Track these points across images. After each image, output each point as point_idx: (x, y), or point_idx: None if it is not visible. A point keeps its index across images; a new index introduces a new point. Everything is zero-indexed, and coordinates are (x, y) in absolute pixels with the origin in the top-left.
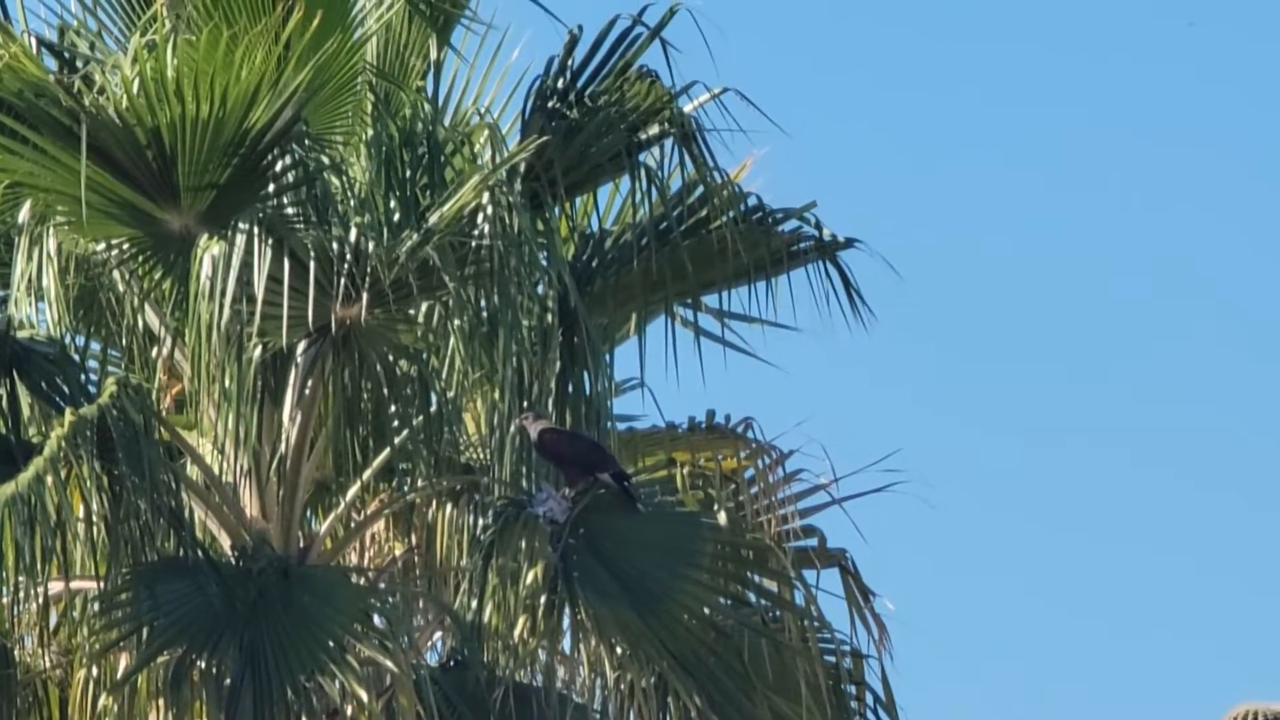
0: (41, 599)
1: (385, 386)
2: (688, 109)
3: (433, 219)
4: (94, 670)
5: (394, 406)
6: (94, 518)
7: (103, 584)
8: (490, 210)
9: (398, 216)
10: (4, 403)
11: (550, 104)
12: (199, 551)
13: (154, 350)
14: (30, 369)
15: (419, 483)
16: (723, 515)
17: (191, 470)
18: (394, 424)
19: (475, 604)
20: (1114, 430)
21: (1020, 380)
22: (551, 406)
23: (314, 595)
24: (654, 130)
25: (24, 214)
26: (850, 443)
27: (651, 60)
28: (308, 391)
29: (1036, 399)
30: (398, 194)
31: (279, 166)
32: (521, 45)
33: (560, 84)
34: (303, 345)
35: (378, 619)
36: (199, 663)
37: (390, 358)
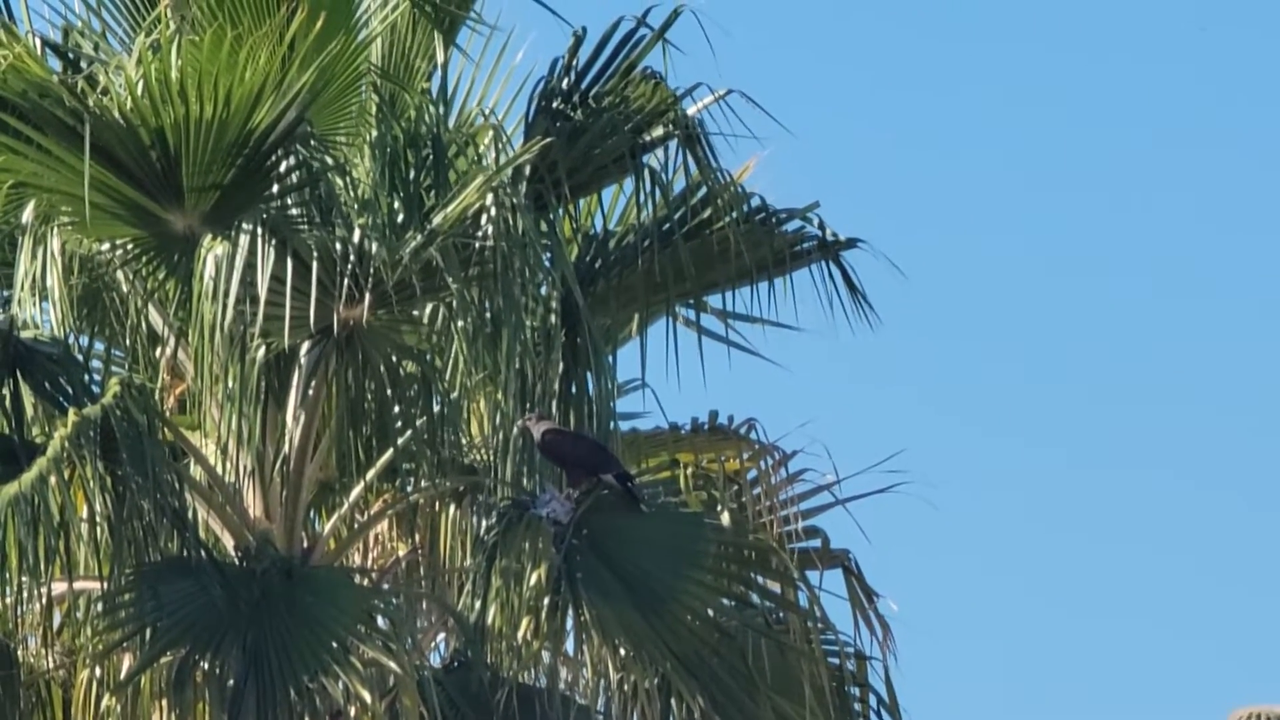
0: (45, 599)
1: (388, 387)
2: (691, 110)
3: (436, 220)
4: (97, 671)
5: (397, 407)
6: (97, 518)
7: (106, 584)
8: (494, 211)
9: (401, 217)
10: (7, 403)
11: (554, 105)
12: (202, 552)
13: (157, 350)
14: (34, 369)
15: (422, 483)
16: (726, 516)
17: (195, 471)
18: (397, 425)
19: (479, 605)
20: (1117, 430)
21: (1023, 380)
22: (555, 407)
23: (317, 596)
24: (658, 132)
25: (28, 214)
26: (853, 443)
27: (655, 62)
28: (311, 392)
29: (1040, 400)
30: (401, 195)
31: (283, 167)
32: (526, 47)
33: (564, 85)
34: (306, 346)
35: (381, 620)
36: (202, 663)
37: (394, 358)
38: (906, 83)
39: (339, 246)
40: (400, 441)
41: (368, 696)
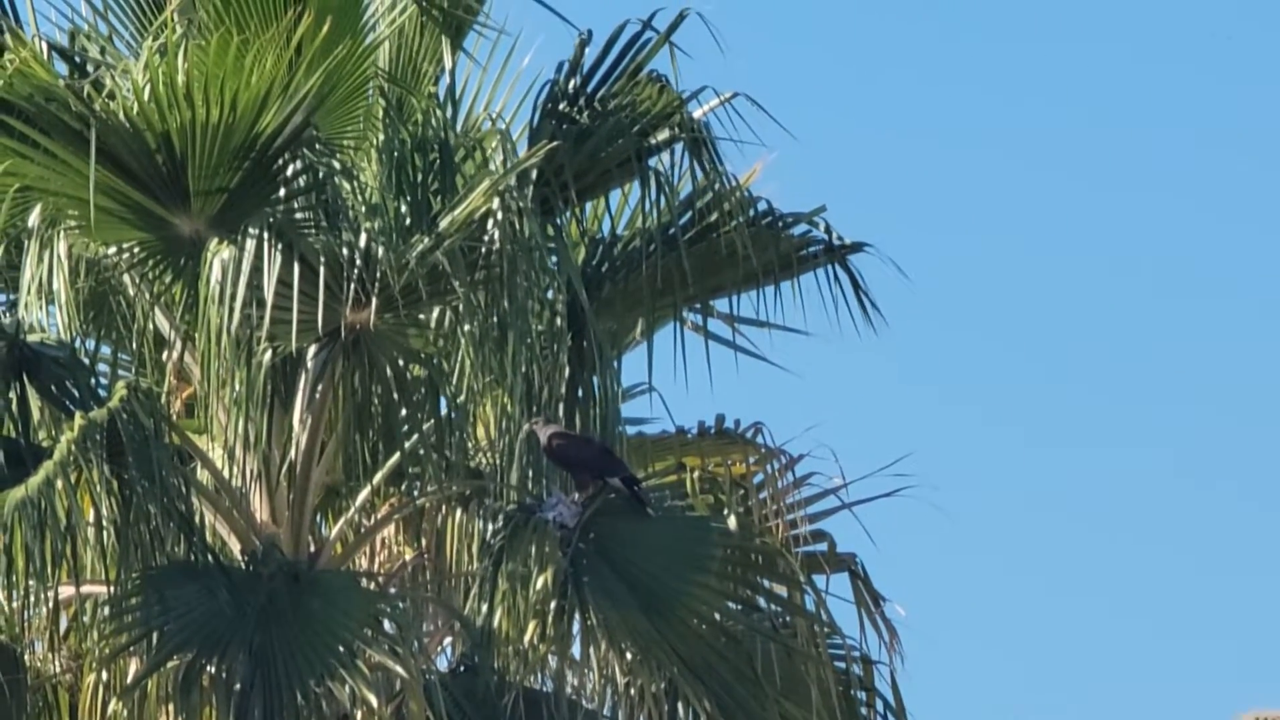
0: (51, 603)
1: (395, 391)
2: (697, 114)
3: (443, 224)
4: (104, 675)
5: (404, 411)
6: (104, 522)
7: (113, 588)
8: (500, 215)
9: (408, 221)
10: (14, 406)
11: (560, 109)
12: (209, 556)
13: (164, 354)
14: (40, 373)
15: (429, 487)
16: (732, 520)
17: (201, 474)
18: (404, 428)
19: (485, 609)
20: (1126, 433)
21: (1032, 383)
22: (561, 411)
23: (324, 600)
24: (664, 135)
25: (34, 218)
26: (860, 447)
27: (661, 65)
28: (318, 396)
29: (1049, 402)
30: (408, 199)
31: (289, 171)
32: (532, 51)
33: (570, 89)
34: (313, 350)
35: (387, 624)
36: (209, 667)
37: (400, 362)
38: (913, 85)
39: (345, 250)
40: (407, 445)
41: (374, 700)
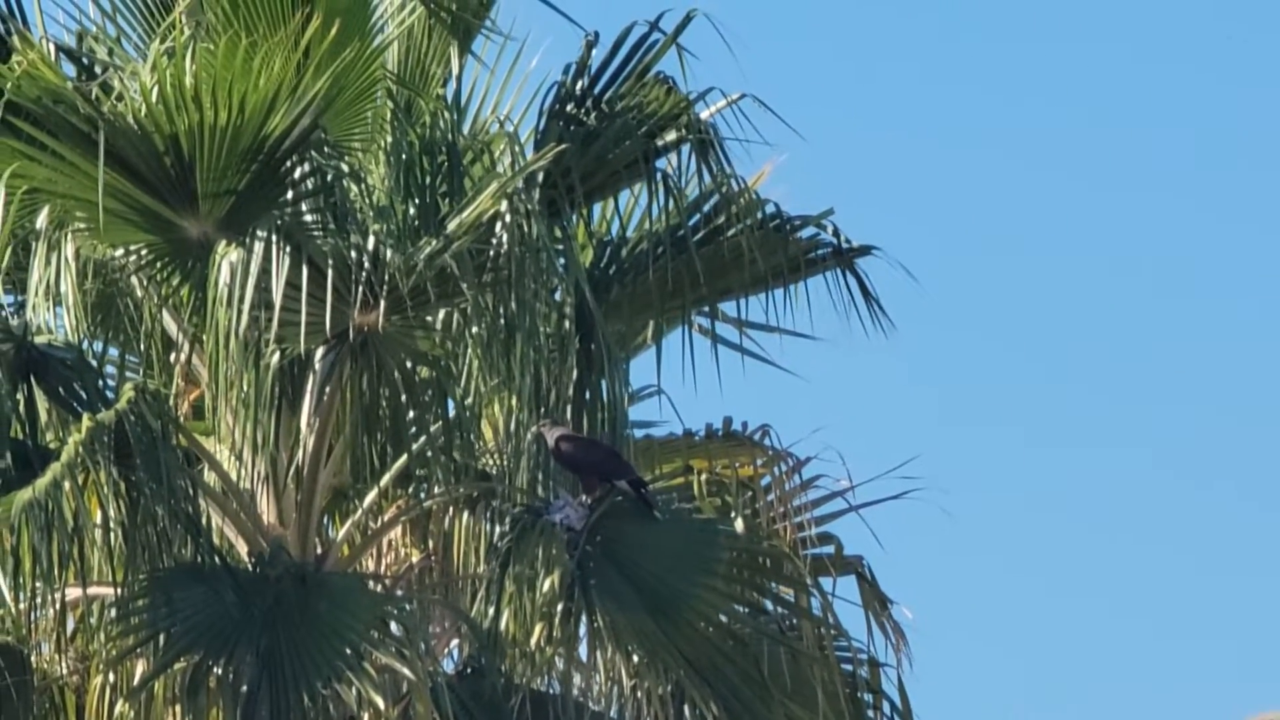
0: (58, 605)
1: (403, 393)
2: (705, 115)
3: (451, 226)
4: (111, 676)
5: (411, 413)
6: (111, 523)
7: (120, 590)
8: (508, 218)
9: (416, 223)
10: (22, 408)
11: (568, 110)
12: (216, 558)
13: (172, 356)
14: (48, 374)
15: (436, 489)
16: (740, 522)
17: (209, 476)
18: (411, 430)
19: (492, 611)
20: (1135, 435)
21: (1038, 385)
22: (569, 413)
23: (331, 602)
24: (671, 136)
25: (42, 219)
26: (867, 450)
27: (669, 66)
28: (325, 398)
29: (1054, 404)
30: (416, 201)
31: (297, 173)
32: (541, 52)
33: (578, 90)
34: (320, 352)
35: (394, 626)
36: (215, 669)
37: (408, 364)
38: (918, 87)
39: (353, 253)
40: (414, 447)
41: (381, 702)
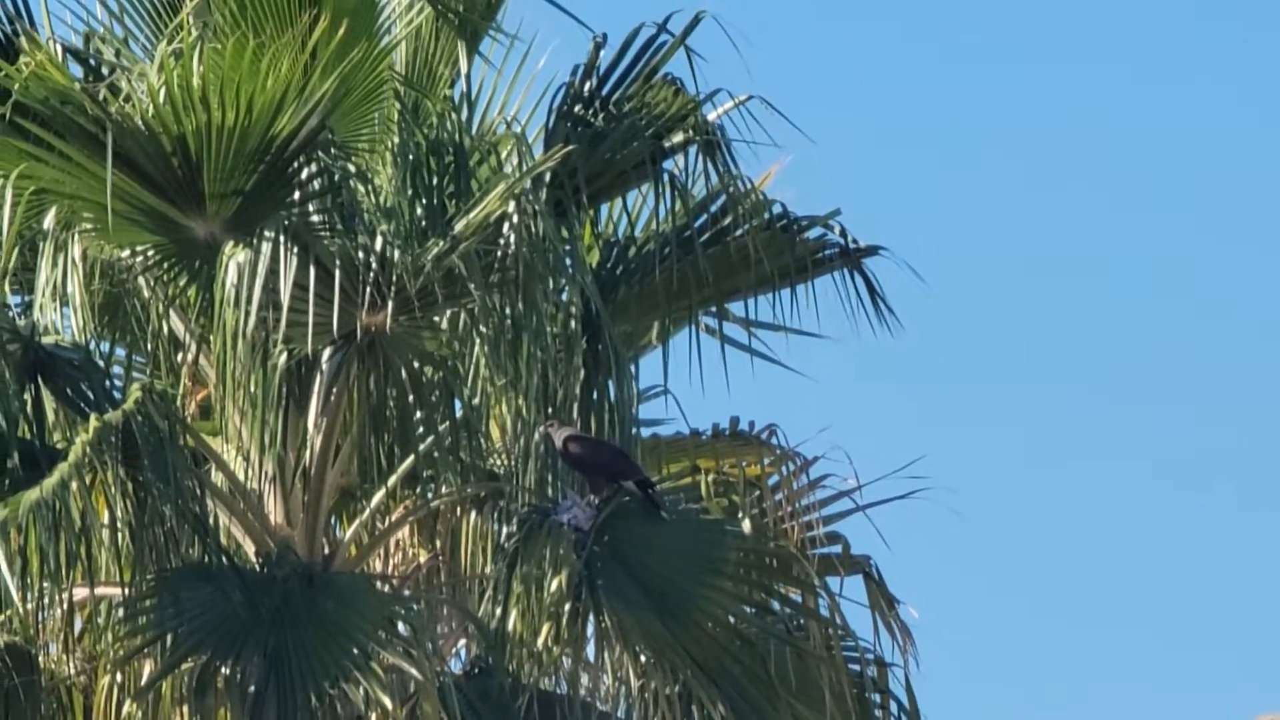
0: (66, 605)
1: (410, 393)
2: (712, 116)
3: (458, 227)
4: (118, 677)
5: (419, 413)
6: (118, 524)
7: (127, 590)
8: (516, 218)
9: (423, 224)
10: (29, 408)
11: (575, 111)
12: (223, 558)
13: (179, 356)
14: (55, 374)
15: (443, 489)
16: (747, 523)
17: (216, 476)
18: (419, 431)
19: (499, 611)
20: (1141, 439)
21: (1044, 386)
22: (576, 414)
23: (338, 602)
24: (678, 138)
25: (49, 220)
26: (874, 449)
27: (676, 68)
28: (332, 398)
29: (1060, 405)
30: (424, 202)
31: (304, 174)
32: (548, 53)
33: (585, 91)
34: (328, 352)
35: (402, 626)
36: (223, 669)
37: (415, 365)
38: (925, 88)
39: (361, 253)
40: (421, 448)
41: (388, 702)
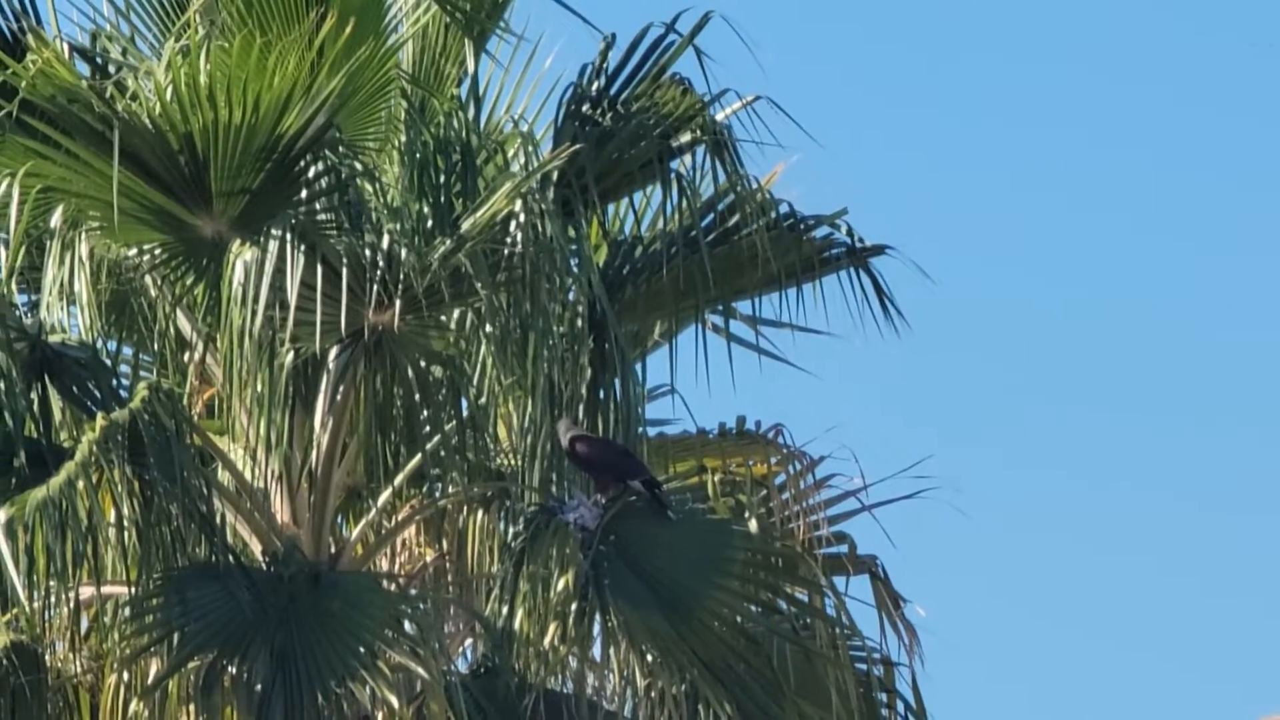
0: (72, 604)
1: (417, 392)
2: (720, 116)
3: (465, 226)
4: (125, 676)
5: (425, 412)
6: (125, 523)
7: (134, 589)
8: (523, 217)
9: (430, 223)
10: (36, 407)
11: (583, 110)
12: (230, 557)
13: (186, 355)
14: (62, 373)
15: (450, 489)
16: (753, 522)
17: (223, 475)
18: (425, 430)
19: (506, 610)
20: (1144, 442)
21: (1049, 387)
22: (582, 413)
23: (345, 601)
24: (686, 137)
25: (56, 219)
26: (881, 449)
27: (684, 68)
28: (339, 397)
29: (1064, 407)
30: (431, 201)
31: (311, 172)
32: (555, 52)
33: (593, 90)
34: (335, 351)
35: (408, 625)
36: (230, 668)
37: (422, 364)
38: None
39: (368, 252)
40: (428, 447)
41: (395, 702)
